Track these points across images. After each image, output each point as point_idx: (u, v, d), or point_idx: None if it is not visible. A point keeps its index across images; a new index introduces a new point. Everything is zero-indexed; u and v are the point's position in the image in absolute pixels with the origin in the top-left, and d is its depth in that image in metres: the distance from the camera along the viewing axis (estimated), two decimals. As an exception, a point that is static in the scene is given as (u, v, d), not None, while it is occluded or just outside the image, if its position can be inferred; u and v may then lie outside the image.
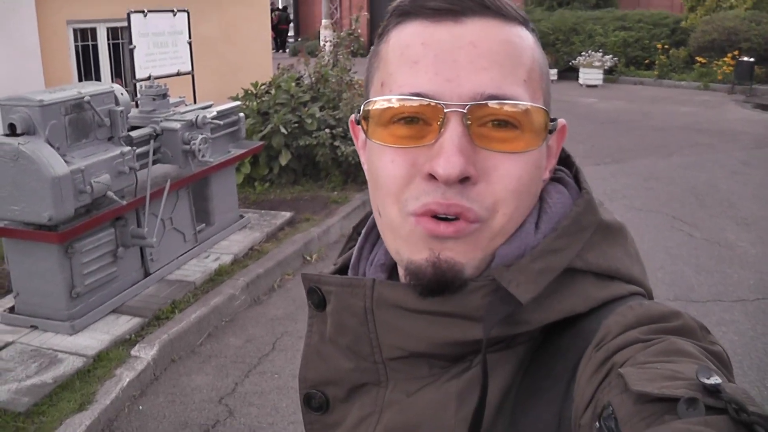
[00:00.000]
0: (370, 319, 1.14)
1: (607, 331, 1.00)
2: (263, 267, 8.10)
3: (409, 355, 1.13)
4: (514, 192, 1.06)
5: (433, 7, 1.08)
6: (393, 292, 1.12)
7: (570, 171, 1.27)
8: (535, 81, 1.11)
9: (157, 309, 6.97)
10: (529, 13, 21.31)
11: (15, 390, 5.64)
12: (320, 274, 1.24)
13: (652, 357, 0.90)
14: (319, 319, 1.25)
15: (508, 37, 1.09)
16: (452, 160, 1.01)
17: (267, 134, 10.78)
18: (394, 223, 1.10)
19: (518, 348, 1.10)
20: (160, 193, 7.29)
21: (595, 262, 1.11)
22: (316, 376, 1.26)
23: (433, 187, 1.04)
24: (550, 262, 1.06)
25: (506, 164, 1.05)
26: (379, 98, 1.10)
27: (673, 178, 12.16)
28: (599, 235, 1.14)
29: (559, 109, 13.43)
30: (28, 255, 6.42)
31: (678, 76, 23.39)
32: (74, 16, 11.11)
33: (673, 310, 1.02)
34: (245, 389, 6.03)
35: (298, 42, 35.80)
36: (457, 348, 1.10)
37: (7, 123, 5.99)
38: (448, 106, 1.03)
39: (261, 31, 15.04)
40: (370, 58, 1.20)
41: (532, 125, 1.07)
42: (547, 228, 1.11)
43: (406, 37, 1.10)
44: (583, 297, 1.08)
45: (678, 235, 9.41)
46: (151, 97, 7.82)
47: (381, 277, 1.24)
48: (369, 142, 1.15)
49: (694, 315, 0.93)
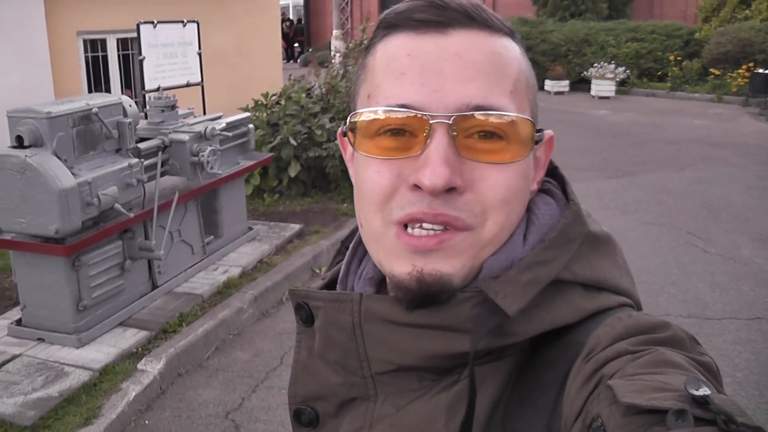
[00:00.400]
0: (358, 333, 1.13)
1: (596, 343, 0.99)
2: (272, 280, 8.06)
3: (398, 368, 1.12)
4: (503, 201, 1.06)
5: (418, 19, 1.09)
6: (380, 305, 1.12)
7: (558, 183, 1.25)
8: (521, 92, 1.11)
9: (165, 322, 6.93)
10: (540, 24, 21.46)
11: (21, 403, 5.61)
12: (308, 289, 1.24)
13: (641, 368, 0.90)
14: (307, 335, 1.25)
15: (493, 48, 1.09)
16: (438, 170, 1.01)
17: (276, 145, 10.76)
18: (377, 233, 1.11)
19: (507, 359, 1.09)
20: (168, 206, 7.26)
21: (583, 273, 1.10)
22: (306, 391, 1.27)
23: (419, 198, 1.04)
24: (537, 274, 1.06)
25: (493, 174, 1.05)
26: (366, 110, 1.10)
27: (687, 192, 12.05)
28: (587, 247, 1.13)
29: (571, 121, 13.41)
30: (35, 268, 6.39)
31: (691, 89, 23.23)
32: (84, 27, 11.13)
33: (661, 321, 1.01)
34: (252, 404, 5.99)
35: (309, 53, 35.84)
36: (446, 360, 1.09)
37: (14, 135, 5.97)
38: (433, 117, 1.03)
39: (272, 42, 15.05)
40: (357, 70, 1.21)
41: (518, 136, 1.07)
42: (534, 240, 1.11)
43: (392, 49, 1.11)
44: (572, 308, 1.08)
45: (692, 250, 9.28)
46: (160, 109, 7.81)
47: (369, 290, 1.23)
48: (356, 154, 1.14)
49: (709, 333, 0.91)
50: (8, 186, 5.93)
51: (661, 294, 7.83)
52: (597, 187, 12.21)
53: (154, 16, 9.41)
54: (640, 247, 9.27)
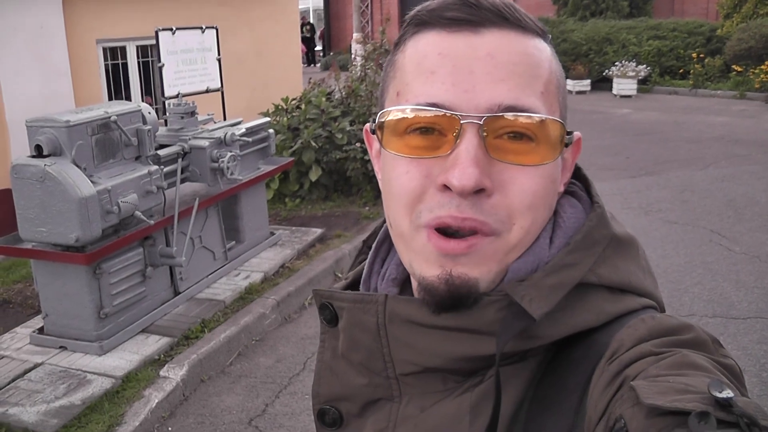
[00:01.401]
0: (382, 334, 1.14)
1: (620, 345, 0.99)
2: (294, 285, 8.04)
3: (423, 370, 1.13)
4: (530, 207, 1.06)
5: (450, 17, 1.08)
6: (405, 307, 1.11)
7: (582, 183, 1.25)
8: (552, 93, 1.10)
9: (187, 328, 6.94)
10: (561, 24, 21.37)
11: (44, 411, 5.62)
12: (332, 289, 1.24)
13: (664, 370, 0.90)
14: (331, 335, 1.25)
15: (525, 49, 1.08)
16: (467, 171, 1.00)
17: (297, 150, 10.76)
18: (406, 235, 1.11)
19: (531, 361, 1.10)
20: (188, 212, 7.27)
21: (608, 276, 1.10)
22: (329, 392, 1.27)
23: (448, 199, 1.04)
24: (563, 277, 1.06)
25: (522, 178, 1.05)
26: (395, 108, 1.10)
27: (710, 190, 11.94)
28: (611, 249, 1.13)
29: (593, 120, 13.36)
30: (56, 276, 6.40)
31: (713, 86, 23.04)
32: (104, 34, 11.16)
33: (685, 323, 1.01)
34: (275, 410, 5.97)
35: (330, 56, 35.89)
36: (471, 363, 1.10)
37: (33, 144, 5.98)
38: (464, 117, 1.03)
39: (291, 46, 15.05)
40: (386, 67, 1.20)
41: (548, 138, 1.06)
42: (560, 243, 1.12)
43: (423, 47, 1.10)
44: (596, 311, 1.08)
45: (716, 249, 9.19)
46: (180, 115, 7.82)
47: (393, 291, 1.23)
48: (383, 152, 1.14)
49: (735, 333, 0.89)
50: (28, 195, 5.94)
51: (686, 294, 7.77)
52: (620, 187, 12.14)
53: (173, 22, 9.43)
54: (664, 247, 9.21)
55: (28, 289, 8.04)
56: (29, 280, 8.14)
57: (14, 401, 5.76)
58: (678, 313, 7.18)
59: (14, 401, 5.76)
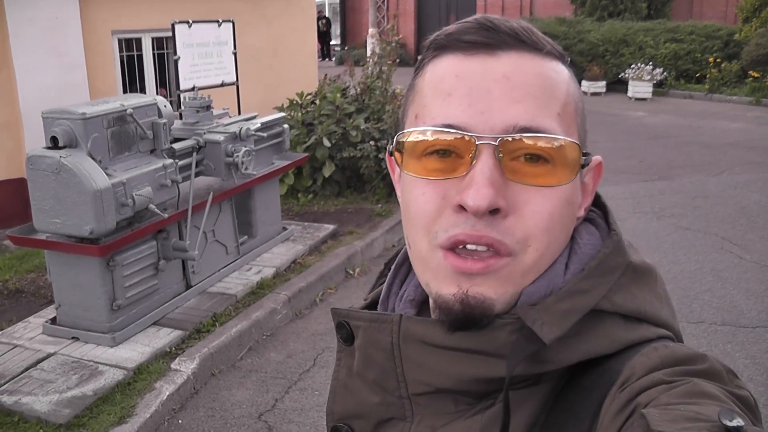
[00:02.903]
0: (396, 354, 1.14)
1: (632, 372, 1.00)
2: (305, 281, 8.06)
3: (435, 390, 1.13)
4: (545, 229, 1.06)
5: (468, 40, 1.09)
6: (420, 327, 1.12)
7: (600, 211, 1.24)
8: (569, 115, 1.11)
9: (198, 322, 6.96)
10: (578, 24, 21.29)
11: (56, 401, 5.66)
12: (349, 309, 1.25)
13: (676, 399, 0.90)
14: (347, 354, 1.26)
15: (542, 71, 1.09)
16: (482, 191, 1.01)
17: (311, 145, 10.77)
18: (424, 255, 1.11)
19: (543, 386, 1.10)
20: (202, 206, 7.29)
21: (623, 304, 1.10)
22: (343, 409, 1.27)
23: (463, 219, 1.05)
24: (575, 303, 1.06)
25: (538, 199, 1.05)
26: (412, 129, 1.11)
27: (723, 197, 11.88)
28: (628, 277, 1.12)
29: (608, 123, 13.31)
30: (70, 267, 6.44)
31: (729, 91, 22.89)
32: (119, 26, 11.17)
33: (699, 354, 1.01)
34: (285, 406, 5.99)
35: (344, 51, 35.86)
36: (483, 385, 1.10)
37: (49, 136, 6.00)
38: (480, 138, 1.04)
39: (307, 41, 15.02)
40: (407, 91, 1.22)
41: (564, 159, 1.07)
42: (575, 269, 1.12)
43: (440, 70, 1.11)
44: (610, 339, 1.08)
45: (727, 257, 9.15)
46: (195, 109, 7.84)
47: (410, 312, 1.25)
48: (402, 174, 1.16)
49: (744, 341, 0.90)
50: (43, 186, 5.98)
51: (696, 301, 7.75)
52: (632, 191, 12.11)
53: (189, 15, 9.44)
54: (675, 253, 9.19)
55: (40, 279, 8.07)
56: (42, 270, 8.18)
57: (27, 390, 5.79)
58: (687, 320, 7.24)
59: (27, 390, 5.79)
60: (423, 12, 36.24)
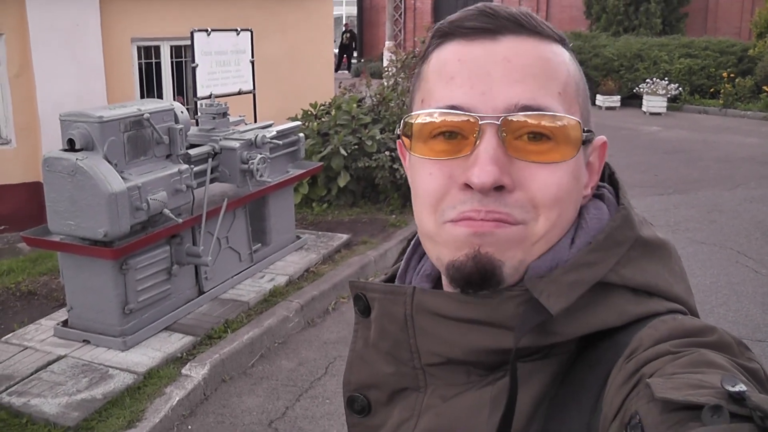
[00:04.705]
0: (409, 325, 1.17)
1: (639, 344, 1.01)
2: (318, 289, 8.06)
3: (447, 361, 1.16)
4: (555, 198, 1.09)
5: (470, 26, 1.14)
6: (432, 299, 1.15)
7: (613, 187, 1.27)
8: (570, 95, 1.15)
9: (210, 328, 6.96)
10: (593, 39, 21.25)
11: (65, 404, 5.66)
12: (366, 281, 1.27)
13: (681, 368, 0.91)
14: (363, 325, 1.29)
15: (542, 53, 1.13)
16: (486, 169, 1.05)
17: (327, 155, 10.77)
18: (431, 232, 1.15)
19: (554, 359, 1.12)
20: (216, 212, 7.30)
21: (632, 277, 1.11)
22: (359, 379, 1.31)
23: (469, 196, 1.08)
24: (581, 275, 1.08)
25: (543, 174, 1.09)
26: (418, 112, 1.15)
27: (738, 211, 11.86)
28: (638, 251, 1.14)
29: (622, 137, 13.28)
30: (83, 270, 6.45)
31: (744, 106, 22.91)
32: (138, 33, 11.23)
33: (708, 326, 1.02)
34: (296, 413, 5.98)
35: (361, 64, 35.92)
36: (492, 356, 1.12)
37: (66, 138, 6.02)
38: (482, 118, 1.07)
39: (324, 51, 15.07)
40: (414, 79, 1.26)
41: (566, 136, 1.10)
42: (582, 242, 1.14)
43: (444, 56, 1.16)
44: (617, 312, 1.09)
45: (743, 271, 9.13)
46: (211, 116, 7.86)
47: (426, 286, 1.27)
48: (410, 157, 1.20)
49: (760, 354, 0.90)
50: (59, 188, 6.00)
51: (711, 314, 7.72)
52: (647, 204, 12.09)
53: (207, 23, 9.49)
54: (690, 266, 9.14)
55: (53, 282, 8.09)
56: (54, 273, 8.20)
57: (36, 392, 5.80)
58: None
59: (36, 392, 5.80)
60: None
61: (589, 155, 1.21)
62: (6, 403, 5.67)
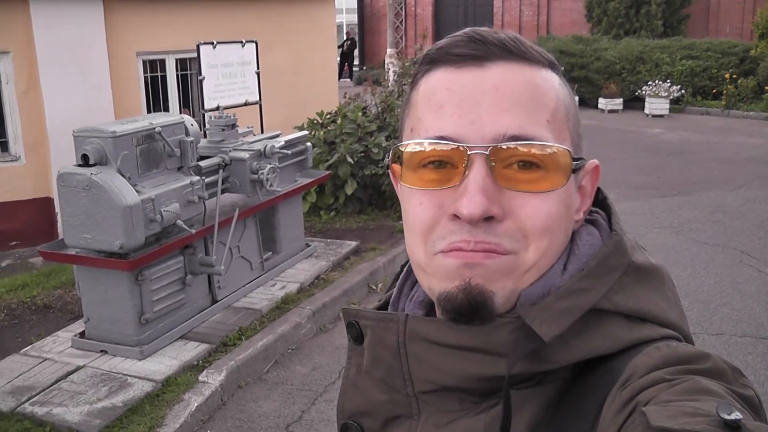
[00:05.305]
0: (402, 352, 1.17)
1: (633, 371, 1.02)
2: (329, 296, 8.17)
3: (440, 388, 1.15)
4: (545, 228, 1.09)
5: (457, 53, 1.13)
6: (424, 326, 1.15)
7: (605, 213, 1.27)
8: (559, 121, 1.14)
9: (224, 336, 7.07)
10: (595, 42, 21.22)
11: (87, 412, 5.77)
12: (359, 308, 1.28)
13: (676, 396, 0.92)
14: (356, 353, 1.29)
15: (530, 80, 1.13)
16: (475, 200, 1.05)
17: (333, 163, 10.87)
18: (422, 263, 1.15)
19: (548, 386, 1.11)
20: (228, 222, 7.41)
21: (625, 303, 1.11)
22: (353, 407, 1.30)
23: (459, 227, 1.08)
24: (574, 302, 1.08)
25: (533, 202, 1.08)
26: (408, 142, 1.15)
27: (742, 211, 11.93)
28: (630, 277, 1.14)
29: (625, 139, 13.31)
30: (99, 282, 6.56)
31: (746, 107, 22.93)
32: (144, 47, 11.32)
33: (702, 352, 1.02)
34: (312, 417, 6.09)
35: (363, 71, 35.93)
36: (486, 383, 1.12)
37: (80, 153, 6.13)
38: (471, 149, 1.07)
39: (328, 60, 15.12)
40: (403, 105, 1.25)
41: (556, 164, 1.10)
42: (573, 269, 1.14)
43: (433, 84, 1.15)
44: (611, 338, 1.09)
45: (746, 270, 9.20)
46: (221, 128, 7.97)
47: (419, 313, 1.28)
48: (401, 186, 1.19)
49: (764, 352, 0.94)
50: (74, 203, 6.11)
51: (715, 313, 7.81)
52: (651, 206, 12.16)
53: (211, 36, 9.58)
54: (694, 267, 9.25)
55: (67, 295, 8.20)
56: (68, 287, 8.31)
57: (58, 401, 5.91)
58: (707, 332, 7.28)
59: (58, 401, 5.91)
60: (441, 32, 36.33)
61: (581, 179, 1.20)
62: (29, 413, 5.78)
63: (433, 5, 36.55)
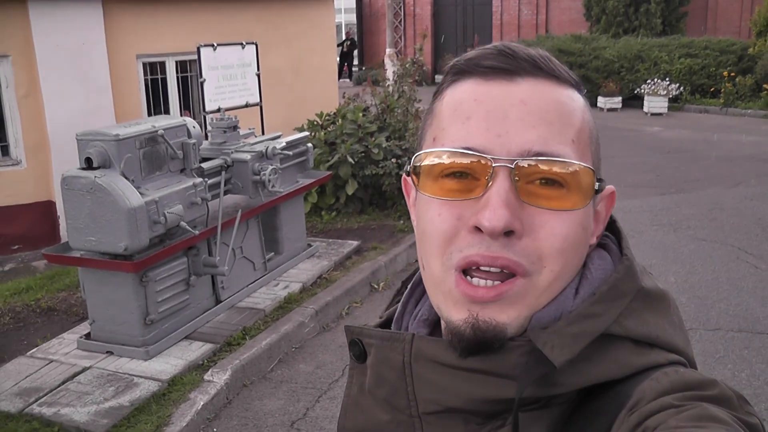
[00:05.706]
0: (407, 372, 1.16)
1: (641, 396, 1.02)
2: (332, 295, 8.23)
3: (445, 410, 1.14)
4: (561, 251, 1.09)
5: (487, 66, 1.13)
6: (431, 347, 1.14)
7: (615, 236, 1.27)
8: (583, 142, 1.14)
9: (229, 335, 7.14)
10: (594, 41, 21.25)
11: (94, 412, 5.83)
12: (362, 326, 1.27)
13: (684, 422, 0.92)
14: (359, 371, 1.27)
15: (558, 98, 1.13)
16: (498, 212, 1.03)
17: (334, 164, 10.94)
18: (437, 277, 1.14)
19: (554, 409, 1.11)
20: (231, 223, 7.48)
21: (634, 329, 1.11)
22: (354, 426, 1.29)
23: (478, 240, 1.07)
24: (585, 327, 1.08)
25: (552, 222, 1.08)
26: (431, 150, 1.14)
27: (739, 209, 11.98)
28: (639, 302, 1.14)
29: (624, 138, 13.34)
30: (104, 284, 6.63)
31: (744, 105, 22.96)
32: (144, 50, 11.34)
33: (709, 379, 1.03)
34: (316, 414, 6.15)
35: (362, 71, 35.92)
36: (492, 405, 1.11)
37: (83, 157, 6.19)
38: (496, 161, 1.06)
39: (327, 61, 15.12)
40: (425, 115, 1.24)
41: (579, 185, 1.09)
42: (585, 293, 1.13)
43: (459, 94, 1.15)
44: (620, 363, 1.09)
45: (743, 266, 9.27)
46: (222, 129, 8.03)
47: (423, 332, 1.26)
48: (418, 195, 1.18)
49: (759, 347, 0.97)
50: (78, 206, 6.17)
51: (712, 309, 7.88)
52: (650, 204, 12.24)
53: (211, 38, 9.64)
54: (692, 263, 9.31)
55: (72, 297, 8.25)
56: (72, 289, 8.37)
57: (65, 402, 5.97)
58: (705, 328, 7.34)
59: (65, 402, 5.97)
60: (439, 32, 36.36)
61: (597, 204, 1.20)
62: (37, 414, 5.84)
63: (432, 5, 36.52)
